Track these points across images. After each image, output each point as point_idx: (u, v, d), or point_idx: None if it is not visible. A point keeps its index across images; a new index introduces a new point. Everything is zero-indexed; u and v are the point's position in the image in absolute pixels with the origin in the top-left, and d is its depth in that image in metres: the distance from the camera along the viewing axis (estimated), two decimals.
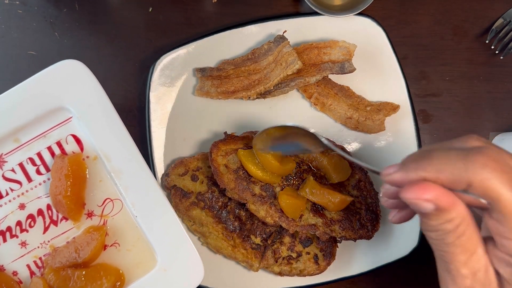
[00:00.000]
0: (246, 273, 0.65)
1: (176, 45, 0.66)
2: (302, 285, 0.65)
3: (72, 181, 0.53)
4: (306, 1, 0.64)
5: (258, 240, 0.63)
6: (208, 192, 0.63)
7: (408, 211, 0.43)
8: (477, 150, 0.33)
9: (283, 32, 0.66)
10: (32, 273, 0.54)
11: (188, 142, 0.67)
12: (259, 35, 0.67)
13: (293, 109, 0.68)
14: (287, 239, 0.64)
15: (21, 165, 0.55)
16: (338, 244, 0.64)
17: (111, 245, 0.55)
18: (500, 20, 0.69)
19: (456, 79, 0.70)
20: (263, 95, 0.66)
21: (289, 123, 0.51)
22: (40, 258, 0.55)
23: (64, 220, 0.55)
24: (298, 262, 0.64)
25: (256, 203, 0.62)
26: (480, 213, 0.37)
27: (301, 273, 0.64)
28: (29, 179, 0.55)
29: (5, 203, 0.55)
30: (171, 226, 0.54)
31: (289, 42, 0.64)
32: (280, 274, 0.64)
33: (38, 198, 0.55)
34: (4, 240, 0.55)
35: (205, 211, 0.63)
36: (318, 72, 0.65)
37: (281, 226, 0.62)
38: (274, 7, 0.70)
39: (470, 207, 0.35)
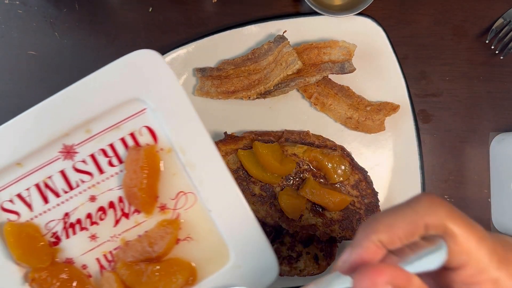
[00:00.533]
0: None
1: (176, 45, 0.66)
2: (302, 285, 0.65)
3: (147, 173, 0.50)
4: (306, 1, 0.64)
5: None
6: None
7: None
8: (417, 196, 0.32)
9: (283, 32, 0.66)
10: (101, 267, 0.53)
11: None
12: (259, 35, 0.67)
13: (293, 109, 0.68)
14: (287, 239, 0.64)
15: (92, 156, 0.53)
16: (338, 244, 0.64)
17: (184, 239, 0.53)
18: (500, 20, 0.69)
19: (456, 79, 0.70)
20: (263, 95, 0.66)
21: None
22: (110, 252, 0.53)
23: (136, 213, 0.53)
24: (298, 262, 0.64)
25: (256, 203, 0.62)
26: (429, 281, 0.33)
27: (301, 273, 0.64)
28: (101, 171, 0.53)
29: (75, 195, 0.53)
30: (246, 222, 0.52)
31: (289, 42, 0.64)
32: (280, 274, 0.64)
33: (110, 190, 0.53)
34: (74, 233, 0.53)
35: None
36: (318, 72, 0.65)
37: (281, 226, 0.62)
38: (274, 7, 0.69)
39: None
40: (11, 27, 0.69)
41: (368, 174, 0.64)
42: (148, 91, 0.51)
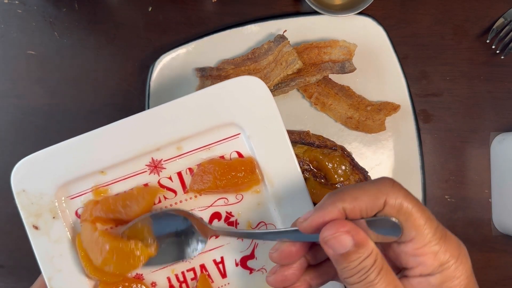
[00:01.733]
0: None
1: (176, 45, 0.66)
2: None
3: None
4: (306, 1, 0.64)
5: None
6: None
7: (292, 272, 0.41)
8: (381, 177, 0.37)
9: (283, 32, 0.66)
10: (171, 287, 0.51)
11: None
12: (259, 34, 0.67)
13: (293, 109, 0.68)
14: None
15: (179, 174, 0.51)
16: None
17: (258, 270, 0.52)
18: (501, 20, 0.69)
19: (456, 79, 0.70)
20: None
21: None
22: (182, 272, 0.51)
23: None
24: None
25: None
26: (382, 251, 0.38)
27: None
28: (185, 190, 0.51)
29: (156, 210, 0.51)
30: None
31: (289, 41, 0.64)
32: None
33: (192, 210, 0.51)
34: None
35: None
36: (318, 72, 0.64)
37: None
38: (274, 6, 0.69)
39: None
40: (11, 27, 0.69)
41: (368, 174, 0.64)
42: (245, 117, 0.50)
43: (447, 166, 0.69)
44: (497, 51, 0.69)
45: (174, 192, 0.51)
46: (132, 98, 0.69)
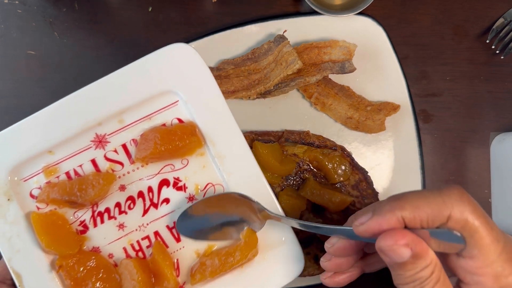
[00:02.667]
0: None
1: None
2: (302, 285, 0.65)
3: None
4: (306, 1, 0.64)
5: None
6: None
7: (350, 274, 0.42)
8: (449, 186, 0.34)
9: (283, 32, 0.66)
10: (128, 256, 0.53)
11: None
12: (259, 34, 0.67)
13: (293, 109, 0.68)
14: None
15: (124, 146, 0.53)
16: None
17: None
18: (501, 20, 0.69)
19: (456, 79, 0.70)
20: (263, 95, 0.66)
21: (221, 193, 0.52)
22: (137, 241, 0.53)
23: (165, 203, 0.54)
24: None
25: None
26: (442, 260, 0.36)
27: (301, 273, 0.63)
28: (132, 161, 0.53)
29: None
30: (272, 209, 0.53)
31: (289, 41, 0.64)
32: None
33: (140, 180, 0.53)
34: (102, 221, 0.53)
35: None
36: (318, 72, 0.64)
37: None
38: (274, 6, 0.69)
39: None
40: (11, 27, 0.69)
41: (368, 174, 0.64)
42: (181, 84, 0.52)
43: (447, 166, 0.69)
44: (497, 51, 0.69)
45: (121, 164, 0.53)
46: None
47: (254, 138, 0.63)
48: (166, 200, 0.54)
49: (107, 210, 0.53)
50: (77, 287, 0.50)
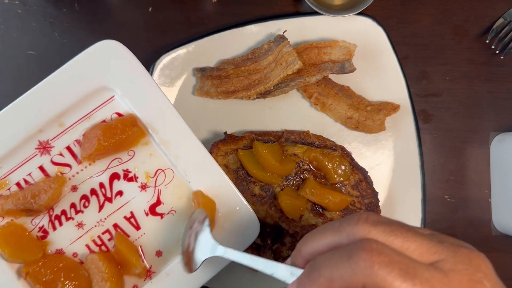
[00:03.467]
0: (246, 273, 0.65)
1: (176, 45, 0.66)
2: None
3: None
4: (306, 1, 0.64)
5: (258, 240, 0.63)
6: None
7: None
8: (359, 245, 0.30)
9: (283, 32, 0.66)
10: (92, 252, 0.55)
11: None
12: (259, 35, 0.67)
13: (293, 109, 0.68)
14: (287, 239, 0.64)
15: (68, 148, 0.55)
16: None
17: (168, 213, 0.56)
18: (501, 20, 0.69)
19: (456, 79, 0.70)
20: (263, 95, 0.66)
21: None
22: (98, 237, 0.55)
23: (118, 196, 0.56)
24: None
25: (256, 203, 0.61)
26: None
27: None
28: (78, 161, 0.55)
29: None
30: (222, 185, 0.55)
31: (289, 42, 0.64)
32: None
33: (90, 177, 0.55)
34: (60, 224, 0.55)
35: None
36: (318, 72, 0.64)
37: (281, 226, 0.62)
38: (274, 7, 0.69)
39: None
40: (11, 27, 0.69)
41: (368, 174, 0.64)
42: (114, 78, 0.54)
43: (447, 166, 0.69)
44: (497, 51, 0.69)
45: (69, 165, 0.55)
46: None
47: (254, 138, 0.63)
48: (120, 193, 0.56)
49: (63, 212, 0.55)
50: None
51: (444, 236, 0.33)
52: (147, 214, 0.56)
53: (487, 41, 0.68)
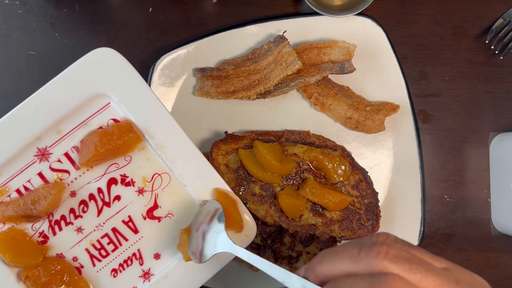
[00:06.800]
0: (246, 273, 0.65)
1: (176, 45, 0.66)
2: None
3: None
4: (306, 1, 0.64)
5: (258, 240, 0.63)
6: None
7: None
8: (383, 280, 0.32)
9: (283, 32, 0.66)
10: (92, 256, 0.56)
11: None
12: (259, 35, 0.67)
13: (293, 109, 0.68)
14: (287, 239, 0.64)
15: (66, 155, 0.56)
16: (338, 243, 0.64)
17: (165, 216, 0.57)
18: (500, 20, 0.69)
19: (456, 79, 0.70)
20: (263, 95, 0.66)
21: None
22: (98, 241, 0.56)
23: (116, 200, 0.56)
24: (298, 262, 0.64)
25: (256, 203, 0.62)
26: None
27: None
28: (77, 167, 0.56)
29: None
30: (217, 187, 0.56)
31: (289, 42, 0.64)
32: None
33: (88, 183, 0.56)
34: (60, 229, 0.56)
35: None
36: (318, 72, 0.65)
37: (281, 226, 0.62)
38: (274, 7, 0.70)
39: None
40: (11, 27, 0.69)
41: (368, 174, 0.64)
42: (110, 85, 0.55)
43: (447, 166, 0.70)
44: (496, 52, 0.69)
45: (67, 172, 0.56)
46: None
47: (255, 138, 0.63)
48: (117, 197, 0.56)
49: (63, 217, 0.56)
50: None
51: (461, 272, 0.34)
52: (144, 218, 0.57)
53: (487, 42, 0.68)
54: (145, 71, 0.68)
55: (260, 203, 0.62)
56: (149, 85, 0.66)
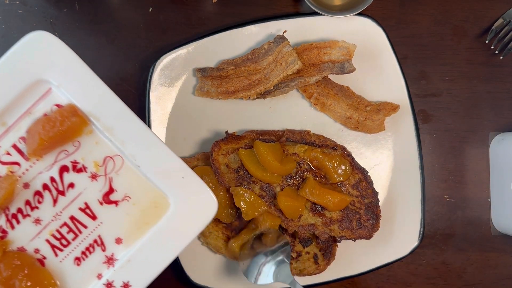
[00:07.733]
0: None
1: (176, 45, 0.66)
2: (302, 285, 0.65)
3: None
4: (306, 1, 0.64)
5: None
6: None
7: None
8: None
9: (283, 32, 0.66)
10: (53, 246, 0.55)
11: (188, 142, 0.67)
12: (259, 35, 0.67)
13: (293, 109, 0.68)
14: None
15: (14, 146, 0.55)
16: (338, 243, 0.64)
17: (123, 200, 0.56)
18: (500, 20, 0.69)
19: (456, 79, 0.70)
20: (263, 95, 0.66)
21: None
22: (57, 231, 0.56)
23: (70, 188, 0.56)
24: (298, 261, 0.64)
25: None
26: None
27: (301, 273, 0.64)
28: (26, 158, 0.55)
29: None
30: (173, 166, 0.55)
31: (289, 42, 0.64)
32: None
33: (40, 173, 0.55)
34: (18, 222, 0.55)
35: None
36: (318, 72, 0.65)
37: (280, 226, 0.62)
38: (274, 7, 0.70)
39: None
40: (11, 27, 0.69)
41: (368, 174, 0.64)
42: (48, 70, 0.53)
43: (446, 166, 0.70)
44: (496, 52, 0.69)
45: (17, 163, 0.55)
46: (132, 99, 0.69)
47: (255, 138, 0.63)
48: (71, 185, 0.56)
49: (19, 210, 0.55)
50: None
51: None
52: (101, 203, 0.56)
53: (487, 42, 0.68)
54: (145, 71, 0.68)
55: None
56: (149, 85, 0.66)
